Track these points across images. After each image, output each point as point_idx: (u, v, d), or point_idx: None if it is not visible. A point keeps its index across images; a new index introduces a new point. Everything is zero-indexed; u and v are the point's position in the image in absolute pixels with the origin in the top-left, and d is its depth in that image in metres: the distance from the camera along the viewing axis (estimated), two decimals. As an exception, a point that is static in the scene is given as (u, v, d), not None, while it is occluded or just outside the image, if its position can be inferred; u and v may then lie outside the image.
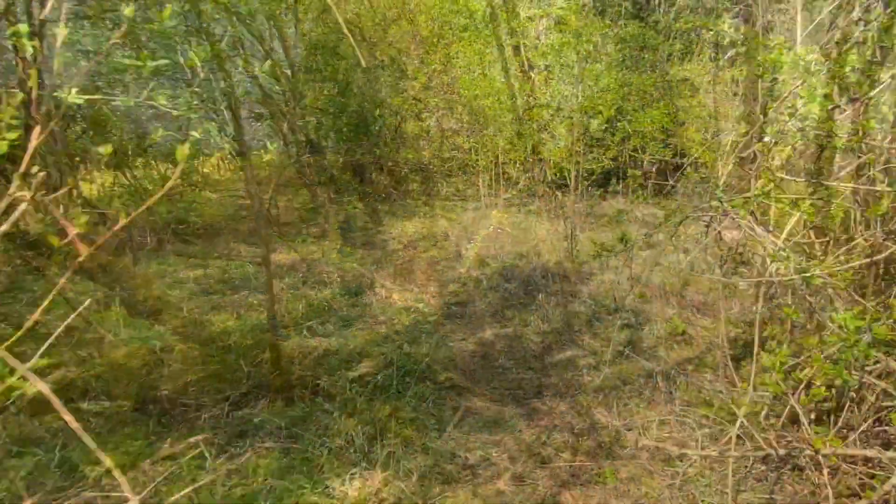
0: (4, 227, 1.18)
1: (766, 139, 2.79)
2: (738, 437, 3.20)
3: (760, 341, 2.63)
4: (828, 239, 2.92)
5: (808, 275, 2.32)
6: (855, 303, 2.34)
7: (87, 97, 1.28)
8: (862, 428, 2.45)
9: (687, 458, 3.07)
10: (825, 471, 2.23)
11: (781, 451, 2.48)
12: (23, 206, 1.19)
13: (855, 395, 2.54)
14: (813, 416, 2.80)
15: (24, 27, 1.27)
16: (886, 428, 2.61)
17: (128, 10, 1.46)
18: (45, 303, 1.28)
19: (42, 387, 1.11)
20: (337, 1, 8.96)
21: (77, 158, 6.75)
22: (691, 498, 2.80)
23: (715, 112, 8.32)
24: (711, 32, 9.46)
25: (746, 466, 3.04)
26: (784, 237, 2.45)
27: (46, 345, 1.28)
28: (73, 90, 1.29)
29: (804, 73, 2.18)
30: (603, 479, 2.97)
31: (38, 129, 1.23)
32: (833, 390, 2.49)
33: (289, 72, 6.29)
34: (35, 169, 1.26)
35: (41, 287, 5.24)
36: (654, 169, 9.80)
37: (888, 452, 2.26)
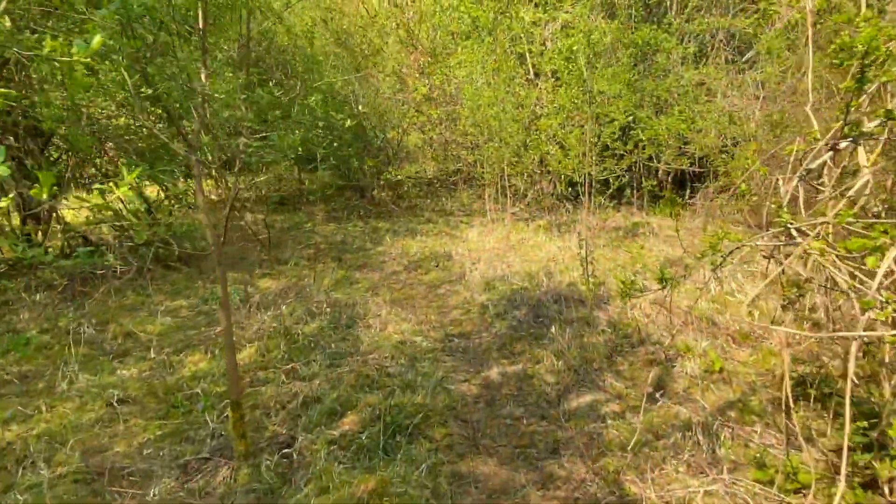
0: None
1: (843, 146, 2.12)
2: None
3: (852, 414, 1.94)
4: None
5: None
6: None
7: None
8: None
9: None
10: None
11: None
12: None
13: None
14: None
15: None
16: None
17: None
18: None
19: None
20: (331, 13, 8.42)
21: (57, 182, 6.18)
22: None
23: (734, 117, 7.63)
24: (728, 33, 8.81)
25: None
26: (880, 277, 1.77)
27: None
28: None
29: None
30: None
31: None
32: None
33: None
34: None
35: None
36: (669, 178, 9.12)
37: None
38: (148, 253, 5.71)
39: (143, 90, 2.07)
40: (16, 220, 6.14)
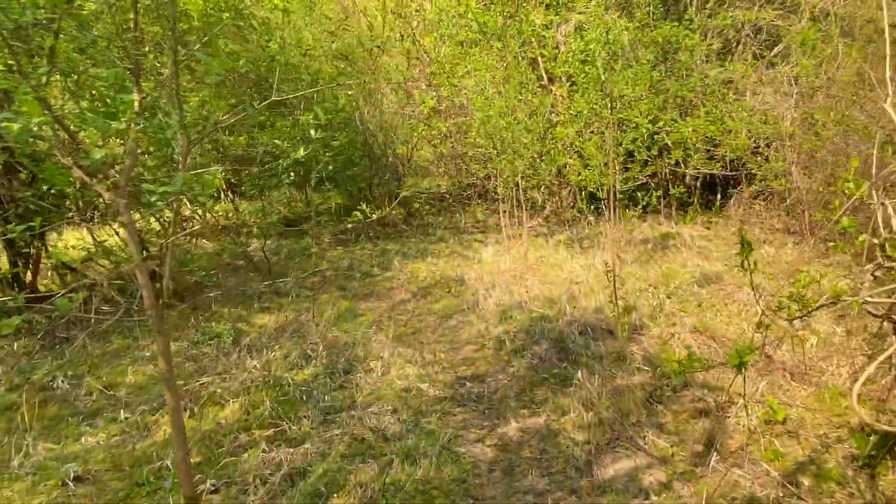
0: None
1: None
2: None
3: None
4: None
5: None
6: None
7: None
8: None
9: None
10: None
11: None
12: None
13: None
14: None
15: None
16: None
17: None
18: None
19: None
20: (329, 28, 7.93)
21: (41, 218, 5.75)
22: None
23: (768, 115, 6.88)
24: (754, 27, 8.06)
25: None
26: None
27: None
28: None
29: None
30: None
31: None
32: None
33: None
34: None
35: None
36: (697, 183, 8.36)
37: None
38: (137, 291, 5.21)
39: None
40: (4, 263, 5.71)
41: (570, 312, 4.79)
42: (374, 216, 2.62)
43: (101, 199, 6.05)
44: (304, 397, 3.72)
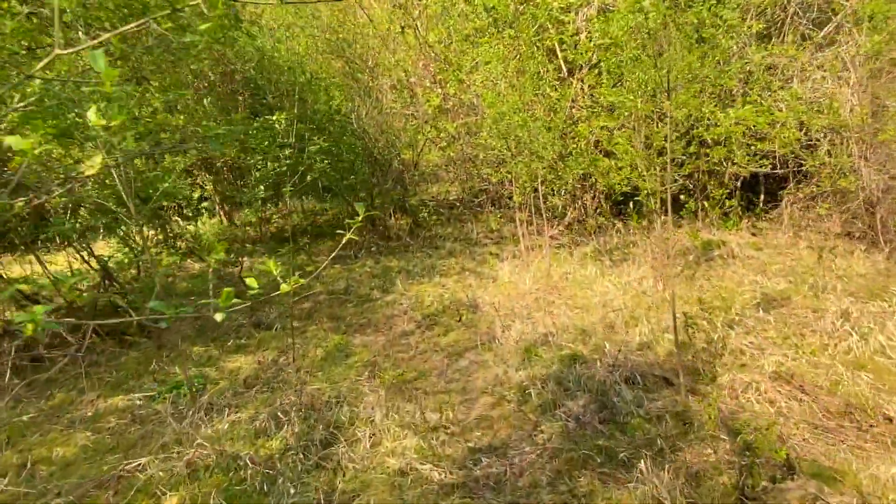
0: None
1: None
2: None
3: None
4: None
5: None
6: None
7: None
8: None
9: None
10: None
11: None
12: None
13: None
14: None
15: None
16: None
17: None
18: None
19: None
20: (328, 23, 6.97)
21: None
22: None
23: (833, 102, 5.75)
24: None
25: None
26: None
27: None
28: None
29: None
30: None
31: None
32: None
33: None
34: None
35: None
36: (738, 183, 7.23)
37: None
38: (90, 328, 4.27)
39: None
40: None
41: (611, 352, 3.73)
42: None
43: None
44: (266, 486, 2.72)
